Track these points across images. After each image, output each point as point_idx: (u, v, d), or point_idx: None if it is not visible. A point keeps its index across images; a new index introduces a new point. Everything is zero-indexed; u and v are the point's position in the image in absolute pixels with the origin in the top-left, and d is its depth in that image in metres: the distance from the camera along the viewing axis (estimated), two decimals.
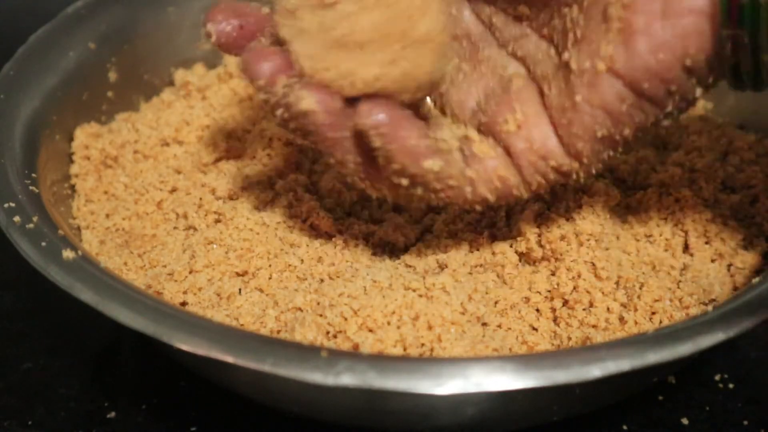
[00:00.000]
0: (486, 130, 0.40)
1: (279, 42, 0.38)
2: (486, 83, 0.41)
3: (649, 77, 0.35)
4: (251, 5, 0.41)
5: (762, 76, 0.35)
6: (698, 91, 0.36)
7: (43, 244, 0.40)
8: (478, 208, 0.40)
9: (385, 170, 0.38)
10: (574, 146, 0.38)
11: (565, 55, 0.37)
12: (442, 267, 0.43)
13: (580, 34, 0.37)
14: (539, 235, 0.44)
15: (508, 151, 0.39)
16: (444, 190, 0.38)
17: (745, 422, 0.44)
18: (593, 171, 0.39)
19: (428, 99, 0.42)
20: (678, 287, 0.43)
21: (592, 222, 0.44)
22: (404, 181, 0.38)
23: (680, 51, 0.35)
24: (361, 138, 0.37)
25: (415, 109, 0.39)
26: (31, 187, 0.44)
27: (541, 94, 0.39)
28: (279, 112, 0.38)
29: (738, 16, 0.34)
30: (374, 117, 0.36)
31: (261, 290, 0.43)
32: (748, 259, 0.45)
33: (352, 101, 0.37)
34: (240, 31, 0.40)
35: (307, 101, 0.37)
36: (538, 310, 0.43)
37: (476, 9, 0.42)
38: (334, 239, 0.46)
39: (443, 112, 0.42)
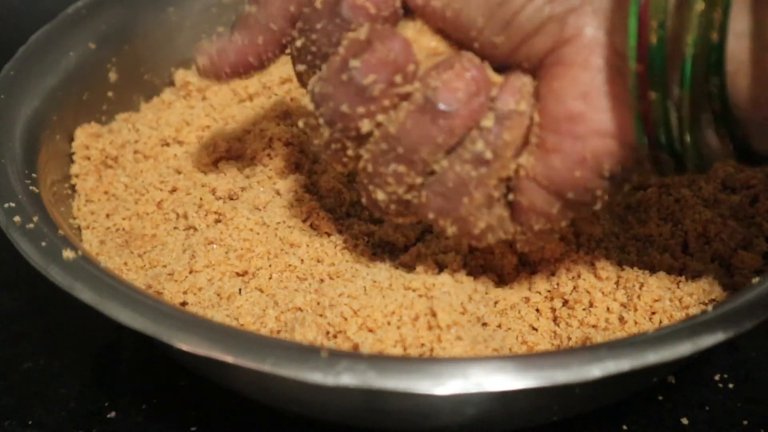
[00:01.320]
0: None
1: None
2: None
3: (571, 187, 0.35)
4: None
5: (687, 169, 0.35)
6: (631, 182, 0.36)
7: (43, 244, 0.40)
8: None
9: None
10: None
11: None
12: (442, 267, 0.43)
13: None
14: None
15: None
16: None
17: (745, 422, 0.44)
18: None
19: None
20: (678, 287, 0.43)
21: (592, 222, 0.44)
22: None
23: (595, 166, 0.35)
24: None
25: None
26: (31, 187, 0.44)
27: None
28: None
29: (654, 137, 0.33)
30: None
31: (261, 290, 0.43)
32: (748, 259, 0.45)
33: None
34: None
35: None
36: (538, 310, 0.43)
37: None
38: (334, 239, 0.46)
39: None
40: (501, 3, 0.35)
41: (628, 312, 0.42)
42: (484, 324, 0.41)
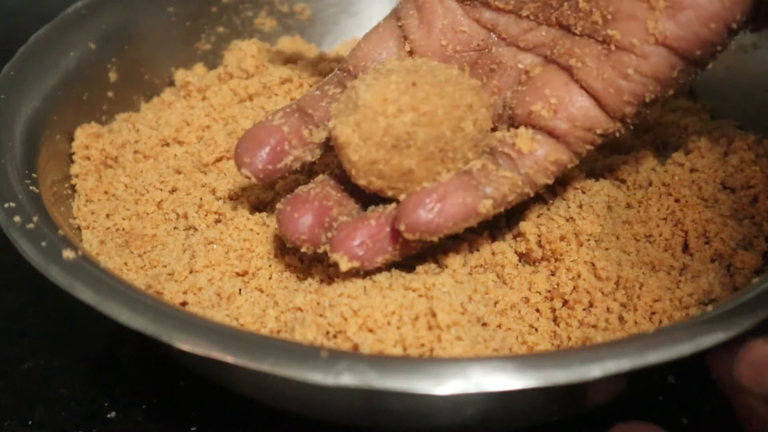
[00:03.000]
0: (522, 122, 0.42)
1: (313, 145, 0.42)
2: (506, 82, 0.43)
3: (700, 44, 0.38)
4: (264, 123, 0.43)
5: None
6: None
7: (43, 244, 0.40)
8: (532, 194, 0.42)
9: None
10: (621, 111, 0.40)
11: (606, 33, 0.40)
12: (442, 267, 0.43)
13: (615, 14, 0.39)
14: (539, 235, 0.44)
15: (553, 135, 0.41)
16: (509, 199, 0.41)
17: None
18: (631, 127, 0.42)
19: None
20: (678, 287, 0.43)
21: (592, 222, 0.44)
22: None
23: (729, 18, 0.38)
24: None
25: None
26: (31, 187, 0.44)
27: (567, 70, 0.41)
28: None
29: None
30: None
31: (261, 290, 0.43)
32: (748, 259, 0.45)
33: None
34: (272, 156, 0.42)
35: (344, 263, 0.40)
36: (538, 310, 0.43)
37: (474, 15, 0.43)
38: None
39: None
40: None
41: (628, 312, 0.42)
42: (484, 324, 0.41)
